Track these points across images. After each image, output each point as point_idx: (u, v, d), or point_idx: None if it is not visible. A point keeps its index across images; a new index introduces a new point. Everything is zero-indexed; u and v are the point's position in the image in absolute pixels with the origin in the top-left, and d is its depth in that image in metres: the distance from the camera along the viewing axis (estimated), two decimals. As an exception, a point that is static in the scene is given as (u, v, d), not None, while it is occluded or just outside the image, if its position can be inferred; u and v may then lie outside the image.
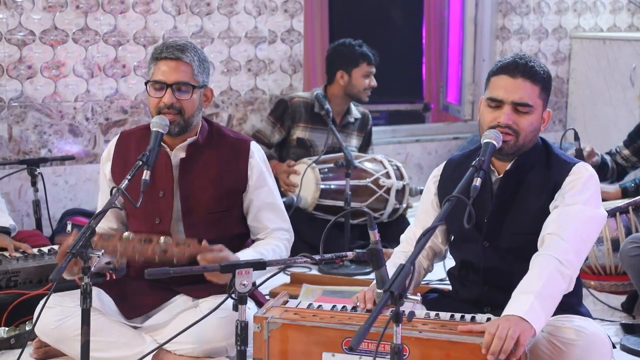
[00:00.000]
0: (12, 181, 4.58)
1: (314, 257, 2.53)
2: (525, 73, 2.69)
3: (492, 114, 2.71)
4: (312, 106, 4.96)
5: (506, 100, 2.69)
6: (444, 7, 6.93)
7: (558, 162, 2.78)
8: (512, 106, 2.68)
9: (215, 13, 5.10)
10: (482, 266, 2.80)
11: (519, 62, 2.71)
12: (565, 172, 2.73)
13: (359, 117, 5.14)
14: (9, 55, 4.58)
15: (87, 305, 2.59)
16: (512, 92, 2.68)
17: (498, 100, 2.70)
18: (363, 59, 4.99)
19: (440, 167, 3.00)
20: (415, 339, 2.39)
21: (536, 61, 2.75)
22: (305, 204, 4.72)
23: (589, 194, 2.68)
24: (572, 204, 2.65)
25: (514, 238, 2.73)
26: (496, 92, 2.71)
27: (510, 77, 2.70)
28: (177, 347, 2.98)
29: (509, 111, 2.68)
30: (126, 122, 4.91)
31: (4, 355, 3.24)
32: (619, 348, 3.36)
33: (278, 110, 5.01)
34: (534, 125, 2.72)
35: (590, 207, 2.67)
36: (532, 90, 2.69)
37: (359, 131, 5.15)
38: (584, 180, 2.69)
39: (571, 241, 2.59)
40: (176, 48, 3.07)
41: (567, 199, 2.66)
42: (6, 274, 3.42)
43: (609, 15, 6.56)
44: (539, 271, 2.54)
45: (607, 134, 6.04)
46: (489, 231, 2.78)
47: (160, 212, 3.13)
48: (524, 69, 2.69)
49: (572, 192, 2.67)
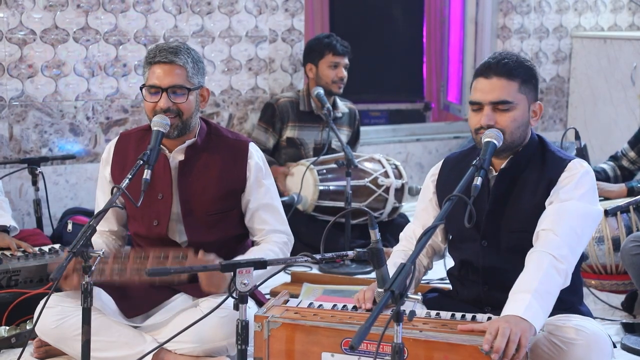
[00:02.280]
0: (13, 180, 4.58)
1: (314, 256, 2.53)
2: (498, 72, 2.71)
3: (475, 117, 2.75)
4: (297, 104, 4.99)
5: (484, 102, 2.72)
6: (445, 6, 6.93)
7: (553, 159, 2.78)
8: (491, 106, 2.71)
9: (216, 12, 5.10)
10: (481, 265, 2.80)
11: (491, 62, 2.75)
12: (560, 168, 2.74)
13: (346, 112, 5.14)
14: (10, 54, 4.58)
15: (88, 305, 2.59)
16: (488, 93, 2.71)
17: (477, 102, 2.74)
18: (328, 50, 4.98)
19: (438, 165, 3.01)
20: (413, 340, 2.38)
21: (512, 57, 2.76)
22: (305, 205, 4.72)
23: (584, 189, 2.69)
24: (567, 199, 2.65)
25: (511, 236, 2.74)
26: (474, 96, 2.75)
27: (485, 78, 2.73)
28: (177, 346, 2.98)
29: (489, 111, 2.71)
30: (127, 122, 4.91)
31: (4, 354, 3.24)
32: (619, 347, 3.36)
33: (266, 115, 5.03)
34: (519, 120, 2.73)
35: (585, 203, 2.67)
36: (509, 87, 2.71)
37: (347, 126, 5.15)
38: (579, 176, 2.70)
39: (565, 236, 2.59)
40: (169, 51, 3.05)
41: (562, 194, 2.67)
42: (7, 273, 3.42)
43: (609, 15, 6.56)
44: (535, 268, 2.54)
45: (608, 133, 6.04)
46: (487, 230, 2.78)
47: (158, 215, 3.13)
48: (496, 67, 2.72)
49: (566, 187, 2.68)
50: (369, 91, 7.16)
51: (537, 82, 2.80)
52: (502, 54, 2.77)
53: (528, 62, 2.79)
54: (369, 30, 7.11)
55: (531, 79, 2.77)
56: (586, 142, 4.71)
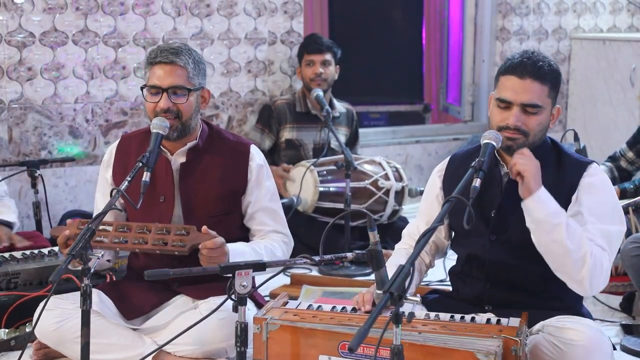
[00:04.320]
0: (12, 183, 4.58)
1: (314, 258, 2.53)
2: (533, 74, 2.68)
3: (501, 114, 2.71)
4: (294, 106, 5.02)
5: (515, 102, 2.68)
6: (444, 8, 6.92)
7: (571, 162, 2.78)
8: (520, 107, 2.68)
9: (215, 14, 5.10)
10: (488, 259, 2.80)
11: (527, 62, 2.69)
12: (580, 171, 2.74)
13: (343, 112, 5.16)
14: (9, 57, 4.58)
15: (87, 307, 2.59)
16: (521, 94, 2.67)
17: (507, 101, 2.70)
18: (304, 49, 5.11)
19: (445, 162, 3.00)
20: (409, 344, 2.37)
21: (545, 59, 2.73)
22: (305, 206, 4.72)
23: (610, 205, 2.74)
24: (600, 221, 2.68)
25: (521, 231, 2.71)
26: (505, 93, 2.70)
27: (519, 78, 2.69)
28: (177, 348, 2.98)
29: (518, 112, 2.68)
30: (126, 124, 4.91)
31: (4, 356, 3.23)
32: (619, 349, 3.36)
33: (263, 117, 5.06)
34: (543, 124, 2.72)
35: (617, 226, 2.73)
36: (540, 91, 2.68)
37: (345, 127, 5.16)
38: (603, 189, 2.74)
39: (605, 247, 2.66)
40: (170, 52, 3.06)
41: (596, 213, 2.69)
42: (6, 275, 3.42)
43: (608, 16, 6.56)
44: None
45: (607, 134, 6.04)
46: (496, 225, 2.78)
47: (159, 217, 3.13)
48: (532, 69, 2.68)
49: (595, 202, 2.71)
50: (368, 93, 7.16)
51: (560, 86, 2.79)
52: (535, 55, 2.73)
53: (557, 66, 2.77)
54: (368, 31, 7.12)
55: (558, 84, 2.76)
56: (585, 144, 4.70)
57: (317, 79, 4.99)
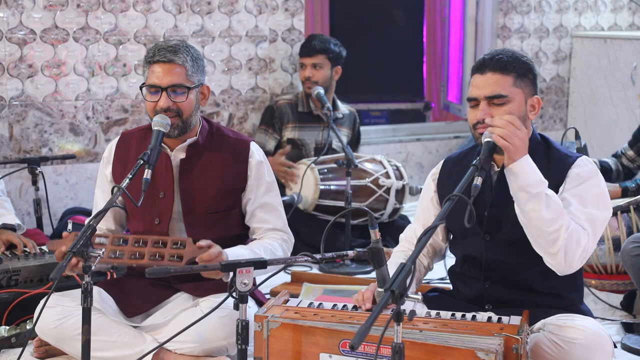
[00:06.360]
0: (13, 180, 4.58)
1: (314, 256, 2.53)
2: (491, 66, 2.74)
3: (472, 113, 2.77)
4: (296, 106, 5.03)
5: (479, 97, 2.74)
6: (445, 6, 6.92)
7: (559, 156, 2.80)
8: (486, 101, 2.73)
9: (216, 12, 5.10)
10: (484, 259, 2.81)
11: (485, 58, 2.78)
12: (568, 165, 2.76)
13: (346, 113, 5.17)
14: (10, 54, 4.57)
15: (88, 304, 2.59)
16: (483, 88, 2.74)
17: (473, 98, 2.76)
18: (299, 54, 5.14)
19: (439, 165, 3.03)
20: (410, 342, 2.37)
21: (507, 52, 2.78)
22: (305, 204, 4.72)
23: (598, 192, 2.73)
24: (585, 206, 2.69)
25: (514, 229, 2.73)
26: (471, 92, 2.78)
27: (480, 74, 2.76)
28: (177, 346, 2.98)
29: (484, 106, 2.73)
30: (127, 121, 4.91)
31: (4, 354, 3.24)
32: (619, 347, 3.36)
33: (266, 117, 5.09)
34: (515, 114, 2.73)
35: (601, 210, 2.72)
36: (503, 81, 2.73)
37: (348, 128, 5.17)
38: (591, 177, 2.74)
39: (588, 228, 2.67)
40: (168, 50, 3.05)
41: (580, 191, 2.70)
42: (7, 272, 3.42)
43: (609, 14, 6.56)
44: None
45: (608, 133, 6.04)
46: (489, 224, 2.79)
47: (159, 213, 3.13)
48: (489, 63, 2.75)
49: (582, 187, 2.72)
50: (369, 91, 7.16)
51: (535, 77, 2.80)
52: (497, 50, 2.81)
53: (524, 57, 2.80)
54: (369, 29, 7.11)
55: (527, 73, 2.77)
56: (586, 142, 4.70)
57: (307, 82, 5.01)
